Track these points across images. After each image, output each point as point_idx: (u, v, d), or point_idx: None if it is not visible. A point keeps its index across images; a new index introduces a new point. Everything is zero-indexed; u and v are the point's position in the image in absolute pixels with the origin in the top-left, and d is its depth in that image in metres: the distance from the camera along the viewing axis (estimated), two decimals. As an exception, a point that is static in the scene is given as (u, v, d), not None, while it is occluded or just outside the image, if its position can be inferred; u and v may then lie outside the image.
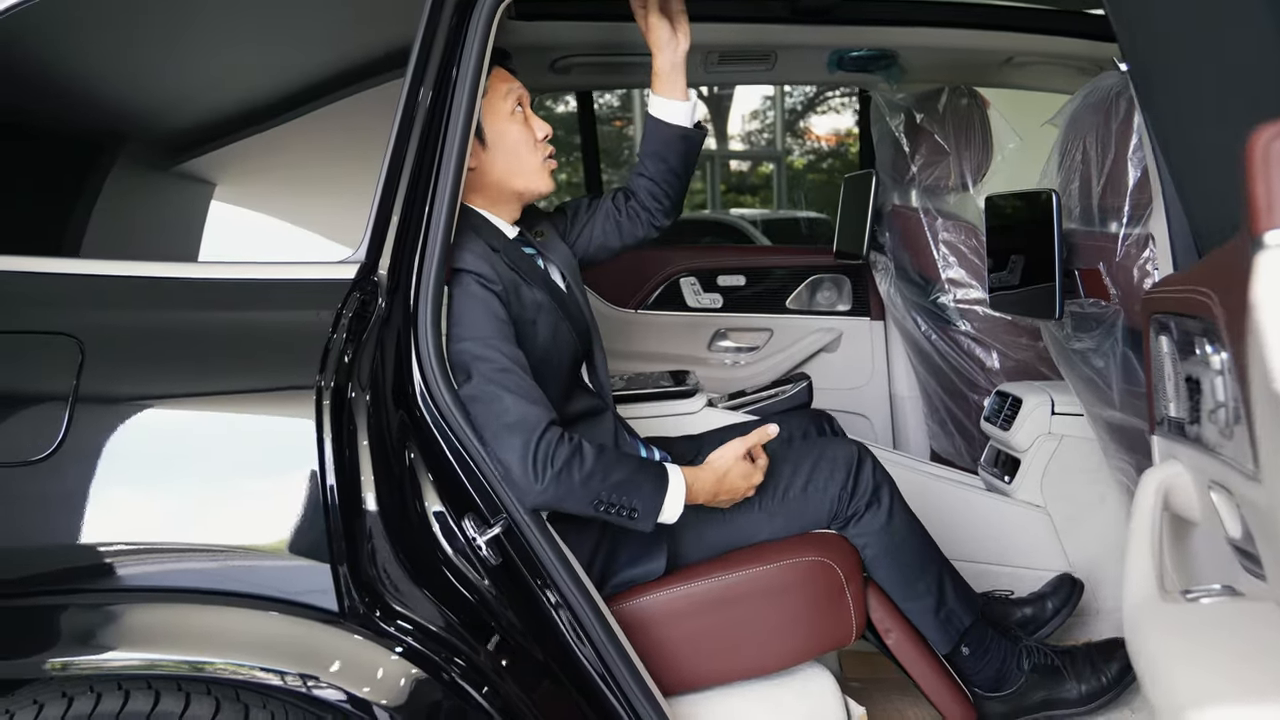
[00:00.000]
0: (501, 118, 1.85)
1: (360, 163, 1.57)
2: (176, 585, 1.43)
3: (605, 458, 1.69)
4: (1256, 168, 0.76)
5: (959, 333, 2.89)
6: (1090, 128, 2.06)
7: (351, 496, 1.42)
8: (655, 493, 1.73)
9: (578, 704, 1.60)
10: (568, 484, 1.63)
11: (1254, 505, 1.02)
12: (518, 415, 1.63)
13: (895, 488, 1.98)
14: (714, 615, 1.84)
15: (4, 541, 1.41)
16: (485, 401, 1.64)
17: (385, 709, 1.39)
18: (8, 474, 1.41)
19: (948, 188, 2.94)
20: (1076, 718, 2.09)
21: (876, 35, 2.80)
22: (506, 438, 1.62)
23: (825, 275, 3.44)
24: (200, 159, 1.61)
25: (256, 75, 1.64)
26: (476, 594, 1.53)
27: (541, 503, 1.64)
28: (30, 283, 1.51)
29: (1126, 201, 1.94)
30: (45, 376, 1.45)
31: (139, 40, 1.63)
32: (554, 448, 1.63)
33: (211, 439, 1.46)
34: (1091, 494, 2.48)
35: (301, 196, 1.62)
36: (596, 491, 1.67)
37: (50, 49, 1.61)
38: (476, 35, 1.65)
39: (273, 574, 1.43)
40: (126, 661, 1.40)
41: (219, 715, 1.41)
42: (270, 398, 1.48)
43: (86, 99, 1.62)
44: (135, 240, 1.56)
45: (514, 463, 1.61)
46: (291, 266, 1.54)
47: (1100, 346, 2.07)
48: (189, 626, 1.42)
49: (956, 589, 2.02)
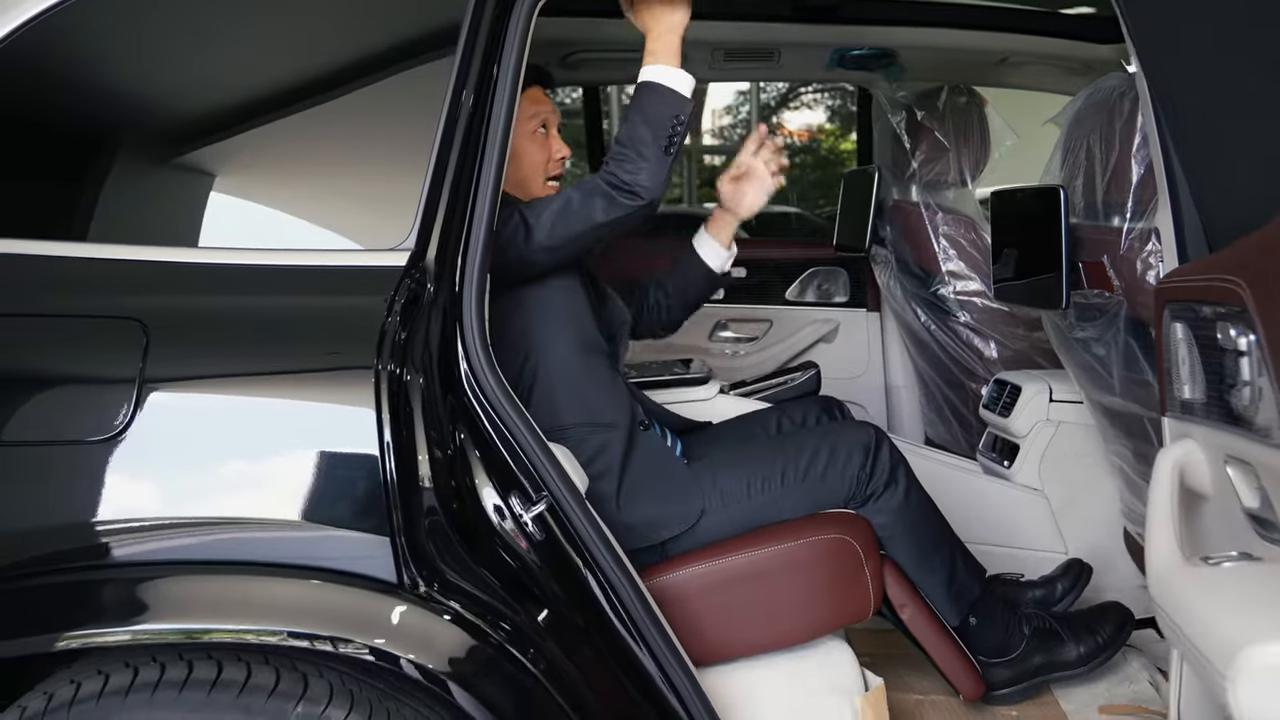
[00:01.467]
0: (522, 135, 1.99)
1: (409, 155, 1.63)
2: (240, 558, 1.48)
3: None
4: None
5: (958, 323, 2.99)
6: (1094, 126, 2.16)
7: (408, 473, 1.48)
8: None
9: (615, 670, 1.67)
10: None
11: (1277, 473, 1.11)
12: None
13: (910, 468, 2.07)
14: (740, 590, 1.93)
15: (78, 515, 1.46)
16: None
17: (440, 672, 1.46)
18: (81, 450, 1.46)
19: (947, 183, 3.04)
20: (1075, 678, 2.20)
21: (877, 34, 2.91)
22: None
23: (823, 268, 3.55)
24: (259, 154, 1.67)
25: (315, 78, 1.70)
26: (522, 566, 1.60)
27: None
28: (97, 269, 1.56)
29: (1130, 197, 2.04)
30: (113, 359, 1.50)
31: (209, 39, 1.69)
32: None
33: (272, 418, 1.53)
34: (1088, 478, 2.59)
35: (355, 187, 1.68)
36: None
37: (107, 42, 1.67)
38: (517, 31, 1.71)
39: (332, 547, 1.48)
40: (189, 629, 1.46)
41: (279, 685, 1.46)
42: (329, 378, 1.53)
43: (155, 93, 1.68)
44: (199, 228, 1.62)
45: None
46: (347, 254, 1.61)
47: (1103, 335, 2.17)
48: (252, 597, 1.48)
49: (966, 563, 2.13)
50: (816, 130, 14.72)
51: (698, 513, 1.97)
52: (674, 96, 1.87)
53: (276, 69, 1.69)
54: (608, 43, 2.82)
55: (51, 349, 1.52)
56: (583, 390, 1.98)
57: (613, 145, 1.89)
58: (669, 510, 1.96)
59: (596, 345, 2.04)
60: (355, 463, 1.48)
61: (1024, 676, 2.20)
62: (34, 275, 1.55)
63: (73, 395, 1.52)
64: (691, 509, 1.97)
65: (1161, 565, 1.26)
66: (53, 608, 1.45)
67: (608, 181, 1.86)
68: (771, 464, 2.02)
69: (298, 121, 1.67)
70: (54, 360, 1.52)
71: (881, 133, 3.22)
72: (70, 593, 1.46)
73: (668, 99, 1.86)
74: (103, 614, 1.45)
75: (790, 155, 15.47)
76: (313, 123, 1.68)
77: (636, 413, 2.07)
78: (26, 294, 1.54)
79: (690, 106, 1.87)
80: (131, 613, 1.47)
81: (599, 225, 1.87)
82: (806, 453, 2.02)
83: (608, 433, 1.97)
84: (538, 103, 2.06)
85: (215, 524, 1.48)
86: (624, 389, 2.09)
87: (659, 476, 2.00)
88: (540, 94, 2.08)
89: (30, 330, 1.53)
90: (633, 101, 1.90)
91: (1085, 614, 2.31)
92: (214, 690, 1.44)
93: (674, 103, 1.87)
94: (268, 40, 1.71)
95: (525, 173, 2.06)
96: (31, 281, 1.55)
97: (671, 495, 1.98)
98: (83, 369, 1.52)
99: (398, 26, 1.75)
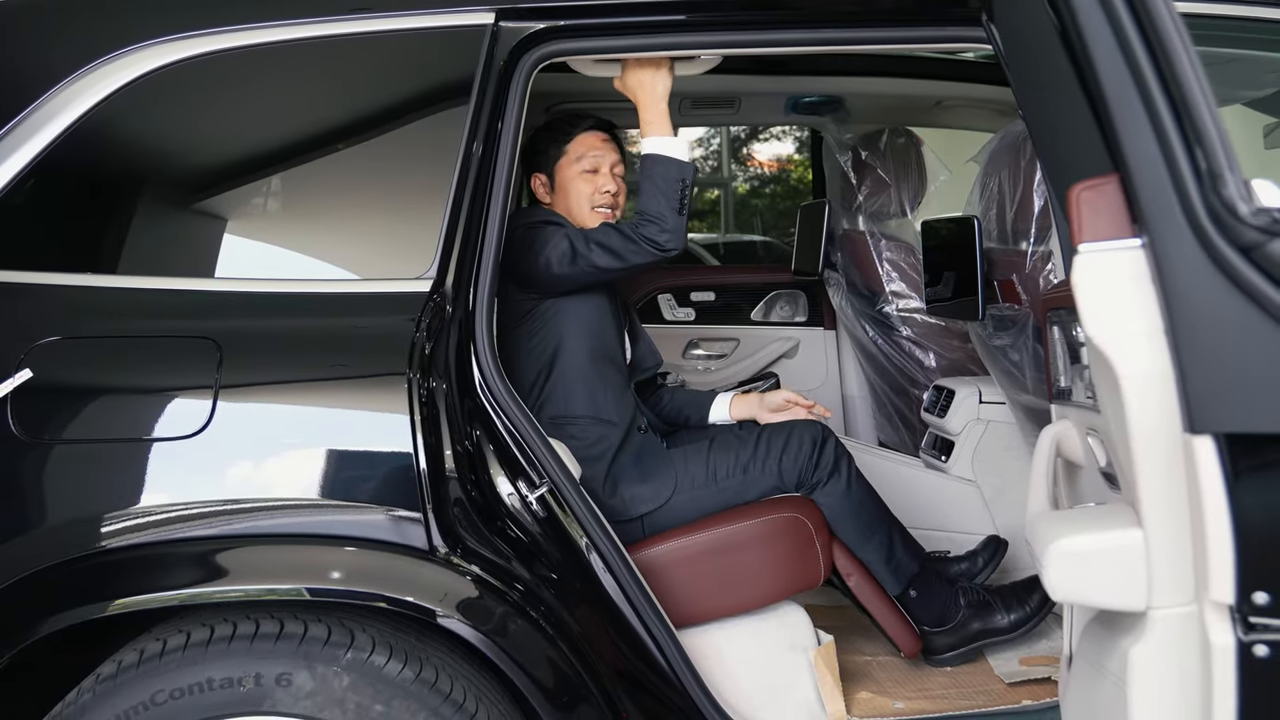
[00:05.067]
0: (573, 173, 2.43)
1: (430, 198, 1.94)
2: (300, 532, 1.80)
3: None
4: (1072, 207, 1.25)
5: (901, 337, 3.37)
6: (1004, 164, 2.55)
7: (436, 461, 1.80)
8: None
9: (608, 628, 1.97)
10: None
11: (1107, 431, 1.48)
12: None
13: (853, 461, 2.43)
14: (710, 562, 2.26)
15: (169, 498, 1.79)
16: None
17: (464, 623, 1.77)
18: (171, 446, 1.79)
19: (890, 213, 3.43)
20: (1007, 643, 2.55)
21: (826, 84, 3.27)
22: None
23: (784, 291, 3.92)
24: (306, 202, 2.02)
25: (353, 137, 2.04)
26: (530, 538, 1.92)
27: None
28: (179, 298, 1.90)
29: (1033, 225, 2.42)
30: (194, 370, 1.81)
31: (274, 110, 2.04)
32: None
33: (324, 417, 1.86)
34: (1015, 469, 2.95)
35: (387, 227, 2.01)
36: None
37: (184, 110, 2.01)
38: (519, 86, 2.02)
39: (376, 522, 1.80)
40: (258, 589, 1.78)
41: (331, 636, 1.74)
42: (370, 384, 1.85)
43: (232, 157, 2.03)
44: (261, 264, 1.97)
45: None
46: (383, 282, 1.93)
47: (1015, 342, 2.55)
48: (310, 563, 1.79)
49: (905, 543, 2.48)
50: (785, 161, 15.06)
51: (669, 492, 2.33)
52: (676, 163, 2.24)
53: (326, 136, 2.03)
54: (587, 95, 3.16)
55: (145, 364, 1.85)
56: (593, 389, 2.35)
57: (636, 215, 2.27)
58: (645, 489, 2.33)
59: (613, 358, 2.42)
60: (393, 453, 1.81)
61: (963, 643, 2.54)
62: (133, 304, 1.88)
63: (161, 401, 1.83)
64: (664, 489, 2.33)
65: (1033, 514, 1.62)
66: (150, 573, 1.76)
67: (640, 236, 2.25)
68: (733, 454, 2.38)
69: (339, 173, 2.01)
70: (146, 373, 1.85)
71: (831, 170, 3.60)
72: (163, 560, 1.76)
73: (671, 166, 2.24)
74: (194, 577, 1.77)
75: (760, 185, 15.81)
76: (352, 173, 2.01)
77: (637, 419, 2.44)
78: (127, 319, 1.88)
79: (692, 169, 2.25)
80: (204, 577, 1.78)
81: (632, 266, 2.29)
82: (763, 444, 2.38)
83: (608, 428, 2.35)
84: (592, 146, 2.48)
85: (280, 505, 1.79)
86: (632, 398, 2.46)
87: (640, 464, 2.36)
88: (598, 139, 2.50)
89: (130, 349, 1.87)
90: (642, 172, 2.27)
91: (1014, 586, 2.65)
92: (279, 641, 1.73)
93: (678, 168, 2.24)
94: (315, 111, 2.05)
95: (572, 203, 2.47)
96: (131, 309, 1.88)
97: (648, 477, 2.35)
98: (171, 379, 1.84)
99: (419, 86, 2.07)
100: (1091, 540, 1.40)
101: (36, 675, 1.84)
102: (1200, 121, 1.17)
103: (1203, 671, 1.31)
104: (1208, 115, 1.17)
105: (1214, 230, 1.18)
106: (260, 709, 1.70)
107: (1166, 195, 1.21)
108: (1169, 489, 1.30)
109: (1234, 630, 1.27)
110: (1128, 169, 1.24)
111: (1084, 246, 1.31)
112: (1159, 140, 1.21)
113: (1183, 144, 1.19)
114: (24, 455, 1.76)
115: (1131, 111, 1.22)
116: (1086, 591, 1.41)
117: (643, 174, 2.26)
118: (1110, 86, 1.24)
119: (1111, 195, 1.27)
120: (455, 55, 2.00)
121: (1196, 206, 1.19)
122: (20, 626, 1.72)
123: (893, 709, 2.33)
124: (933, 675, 2.51)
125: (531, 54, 2.01)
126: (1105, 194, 1.27)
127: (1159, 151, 1.21)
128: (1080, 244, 1.32)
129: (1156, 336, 1.26)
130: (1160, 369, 1.27)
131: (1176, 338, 1.24)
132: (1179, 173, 1.20)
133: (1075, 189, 1.30)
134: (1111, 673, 1.46)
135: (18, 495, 1.77)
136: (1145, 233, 1.26)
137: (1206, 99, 1.17)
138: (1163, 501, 1.32)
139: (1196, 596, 1.32)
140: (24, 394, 1.75)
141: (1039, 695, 2.33)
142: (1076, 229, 1.31)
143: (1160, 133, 1.20)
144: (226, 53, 1.95)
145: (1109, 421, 1.41)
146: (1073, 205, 1.29)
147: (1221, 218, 1.17)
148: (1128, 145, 1.23)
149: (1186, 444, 1.26)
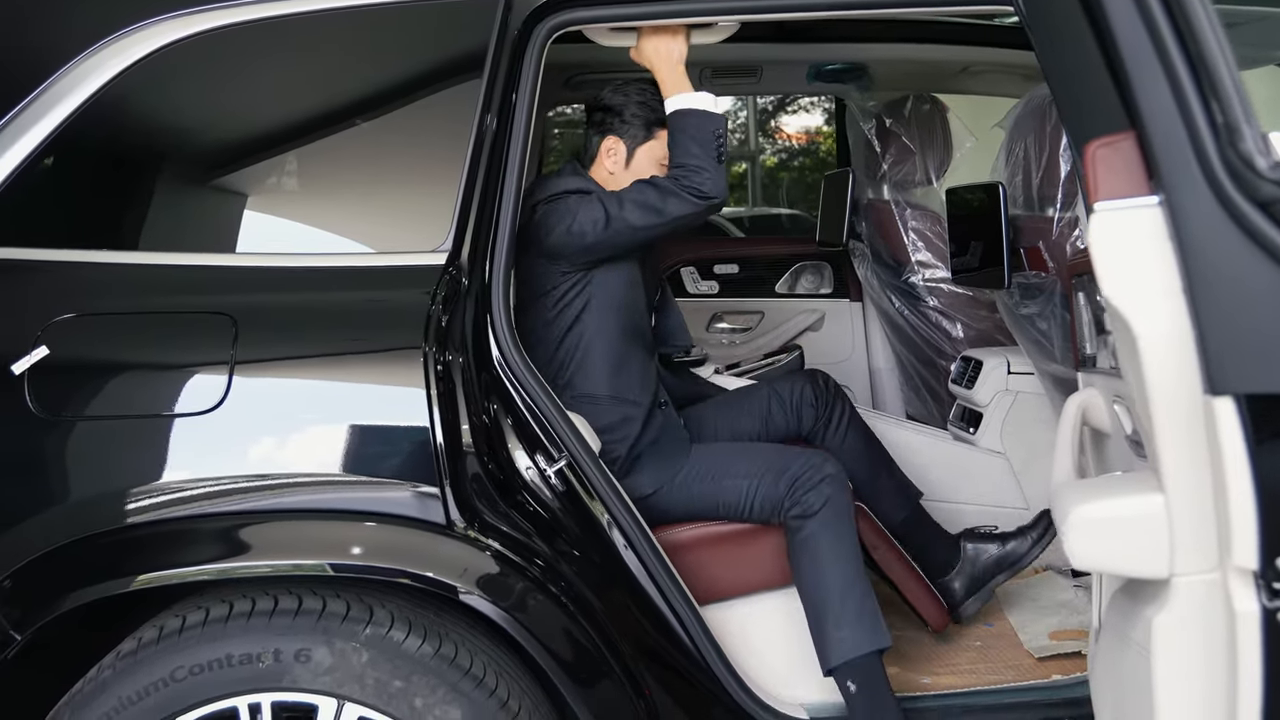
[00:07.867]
0: (651, 160, 2.36)
1: (445, 169, 1.92)
2: (320, 507, 1.81)
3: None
4: (1088, 165, 1.21)
5: (928, 308, 3.33)
6: (1030, 130, 2.50)
7: (453, 435, 1.79)
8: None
9: (630, 603, 1.96)
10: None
11: (1131, 398, 1.45)
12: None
13: (843, 499, 2.22)
14: (734, 539, 2.25)
15: (186, 474, 1.80)
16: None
17: (484, 598, 1.77)
18: (188, 422, 1.79)
19: (915, 182, 3.38)
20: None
21: (849, 50, 3.22)
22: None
23: (809, 262, 3.88)
24: (322, 177, 2.02)
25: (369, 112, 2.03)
26: (549, 512, 1.91)
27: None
28: (193, 273, 1.90)
29: (1059, 190, 2.38)
30: (209, 346, 1.81)
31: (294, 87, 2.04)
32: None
33: (340, 392, 1.86)
34: (1044, 440, 2.88)
35: (402, 199, 2.01)
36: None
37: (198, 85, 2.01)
38: (533, 58, 2.01)
39: (393, 497, 1.79)
40: (285, 564, 1.79)
41: (350, 612, 1.75)
42: (385, 357, 1.86)
43: (255, 133, 2.03)
44: (276, 238, 1.97)
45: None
46: (398, 255, 1.92)
47: (1043, 311, 2.51)
48: (333, 538, 1.79)
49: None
50: (814, 133, 14.96)
51: (672, 475, 2.28)
52: (705, 115, 2.21)
53: (340, 109, 2.03)
54: (605, 65, 3.13)
55: (159, 340, 1.86)
56: (620, 370, 2.30)
57: (673, 169, 2.22)
58: (657, 468, 2.28)
59: (641, 335, 2.36)
60: (409, 427, 1.80)
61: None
62: (147, 280, 1.89)
63: (176, 378, 1.83)
64: (671, 472, 2.28)
65: (1058, 482, 1.59)
66: (173, 548, 1.77)
67: (682, 185, 2.19)
68: (731, 461, 2.30)
69: (354, 146, 2.00)
70: (161, 349, 1.85)
71: (855, 139, 3.55)
72: (185, 536, 1.78)
73: (702, 118, 2.20)
74: (218, 552, 1.79)
75: (788, 158, 15.72)
76: (366, 146, 2.01)
77: (659, 393, 2.40)
78: (141, 296, 1.88)
79: (723, 120, 2.21)
80: (223, 553, 1.79)
81: (672, 220, 2.21)
82: (758, 463, 2.28)
83: (632, 408, 2.29)
84: None
85: (296, 481, 1.79)
86: (654, 372, 2.42)
87: (658, 444, 2.32)
88: None
89: (144, 325, 1.87)
90: (673, 128, 2.23)
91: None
92: (298, 616, 1.73)
93: (708, 119, 2.21)
94: (329, 84, 2.05)
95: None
96: (145, 285, 1.89)
97: (661, 456, 2.30)
98: (187, 355, 1.83)
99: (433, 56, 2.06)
100: (1112, 506, 1.37)
101: (56, 653, 1.85)
102: (1216, 74, 1.13)
103: (1227, 638, 1.29)
104: (1224, 67, 1.13)
105: (1231, 185, 1.14)
106: (280, 684, 1.71)
107: (1183, 150, 1.18)
108: (1190, 453, 1.27)
109: (1258, 596, 1.24)
110: (1143, 124, 1.21)
111: (1100, 205, 1.28)
112: (1175, 94, 1.17)
113: (1199, 97, 1.16)
114: (43, 432, 1.77)
115: (1147, 65, 1.18)
116: (1108, 559, 1.39)
117: (674, 129, 2.22)
118: (1125, 39, 1.20)
119: (1128, 152, 1.23)
120: (469, 24, 1.98)
121: (1213, 161, 1.15)
122: (43, 602, 1.73)
123: (920, 684, 2.31)
124: (961, 650, 2.49)
125: (546, 23, 2.00)
126: (1121, 151, 1.23)
127: (1175, 105, 1.18)
128: (1096, 202, 1.28)
129: (1175, 296, 1.23)
130: (1179, 329, 1.23)
131: (1194, 297, 1.20)
132: (1195, 127, 1.16)
133: (1091, 146, 1.27)
134: (1136, 642, 1.44)
135: (38, 471, 1.79)
136: (1162, 190, 1.22)
137: (1223, 50, 1.13)
138: (1184, 466, 1.28)
139: (1220, 563, 1.29)
140: (41, 371, 1.75)
141: (1068, 670, 2.30)
142: (1092, 187, 1.28)
143: (1176, 86, 1.17)
144: (240, 26, 1.94)
145: (1130, 385, 1.38)
146: (1088, 163, 1.26)
147: (1239, 172, 1.14)
148: (1143, 100, 1.19)
149: (1207, 406, 1.22)
